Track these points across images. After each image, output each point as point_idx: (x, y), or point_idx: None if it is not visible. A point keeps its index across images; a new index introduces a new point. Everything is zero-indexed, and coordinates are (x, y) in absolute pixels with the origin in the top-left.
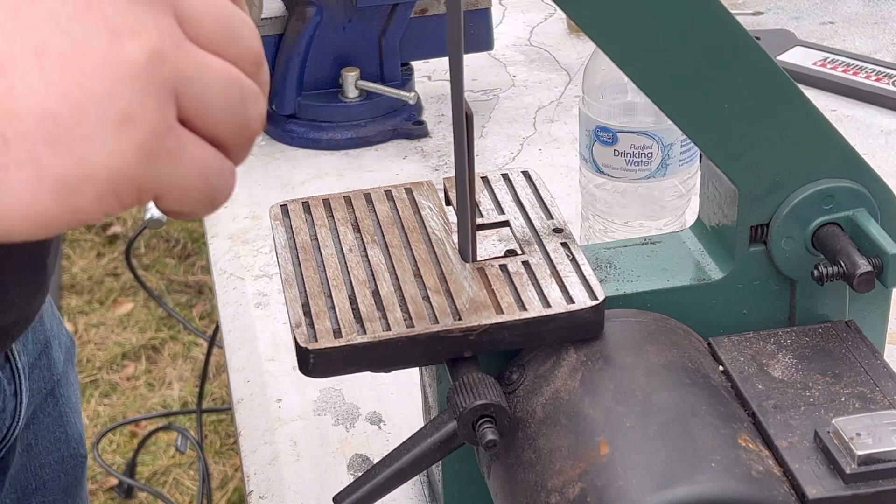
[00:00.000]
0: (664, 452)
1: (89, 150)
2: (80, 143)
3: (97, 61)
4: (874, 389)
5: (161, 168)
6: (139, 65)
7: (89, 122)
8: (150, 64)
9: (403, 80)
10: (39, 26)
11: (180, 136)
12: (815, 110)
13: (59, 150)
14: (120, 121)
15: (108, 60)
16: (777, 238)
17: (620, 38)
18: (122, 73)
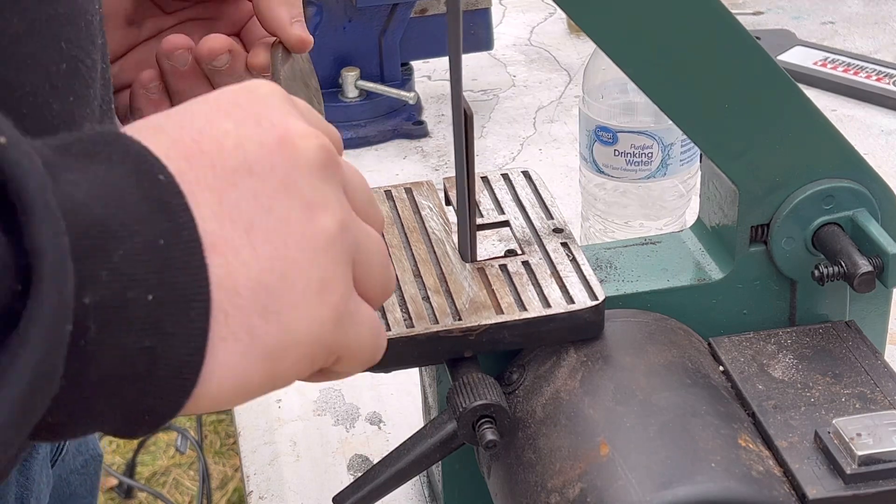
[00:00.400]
0: (664, 452)
1: (295, 318)
2: (288, 312)
3: (298, 234)
4: (874, 390)
5: (347, 329)
6: (332, 234)
7: (295, 290)
8: (339, 233)
9: (403, 79)
10: (245, 206)
11: (356, 299)
12: (815, 110)
13: (269, 320)
14: (320, 287)
15: (306, 232)
16: (777, 238)
17: (620, 38)
18: (319, 242)
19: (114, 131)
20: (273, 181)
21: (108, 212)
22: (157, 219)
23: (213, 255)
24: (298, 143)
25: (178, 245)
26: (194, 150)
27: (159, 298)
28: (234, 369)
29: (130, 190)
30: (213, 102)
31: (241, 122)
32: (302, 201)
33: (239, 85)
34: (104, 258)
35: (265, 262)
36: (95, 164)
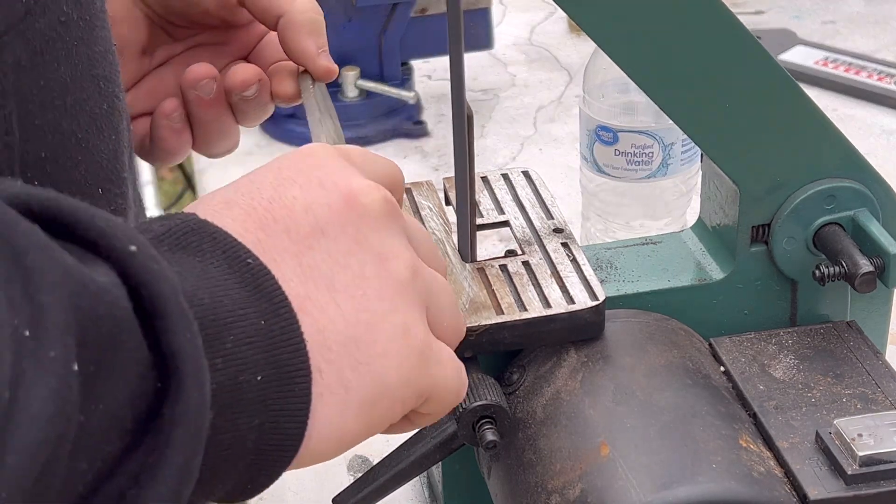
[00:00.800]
0: (665, 453)
1: (384, 365)
2: (377, 360)
3: (375, 284)
4: (876, 390)
5: (433, 369)
6: (405, 279)
7: (380, 339)
8: (411, 278)
9: (403, 79)
10: (323, 266)
11: (436, 339)
12: (816, 110)
13: (360, 371)
14: (402, 332)
15: (382, 282)
16: (778, 238)
17: (620, 38)
18: (395, 289)
19: (194, 218)
20: (345, 239)
21: (215, 301)
22: (255, 301)
23: (302, 316)
24: (363, 200)
25: (279, 323)
26: (268, 219)
27: (267, 377)
28: (332, 423)
29: (226, 278)
30: (276, 171)
31: (306, 187)
32: (374, 253)
33: (296, 152)
34: (219, 346)
35: (350, 317)
36: (190, 256)
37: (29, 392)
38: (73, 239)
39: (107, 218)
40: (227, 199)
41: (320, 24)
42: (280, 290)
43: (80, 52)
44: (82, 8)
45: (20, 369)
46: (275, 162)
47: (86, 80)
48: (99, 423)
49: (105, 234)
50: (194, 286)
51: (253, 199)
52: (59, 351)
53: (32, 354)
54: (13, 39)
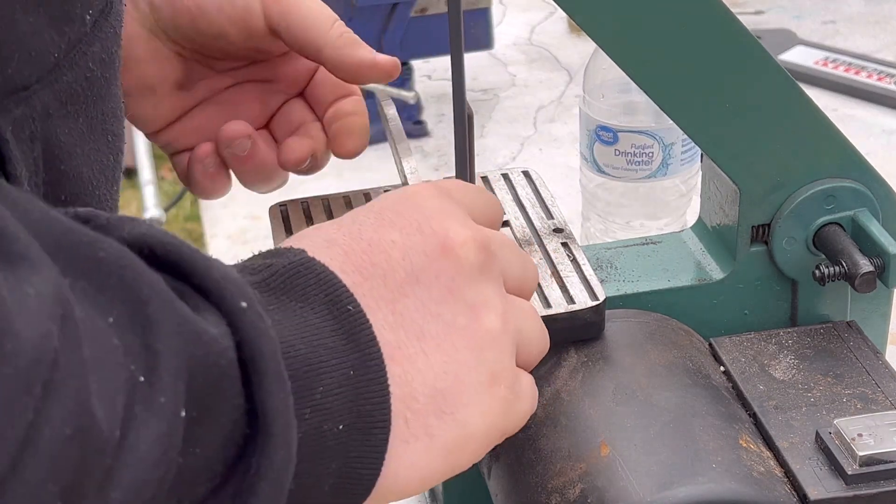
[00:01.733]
0: (665, 453)
1: (468, 414)
2: (462, 409)
3: (466, 336)
4: (876, 390)
5: (515, 409)
6: (496, 332)
7: (466, 389)
8: (502, 329)
9: (403, 79)
10: (415, 315)
11: (520, 377)
12: (816, 110)
13: (445, 420)
14: (489, 382)
15: (473, 334)
16: (778, 238)
17: (621, 38)
18: (485, 340)
19: (301, 258)
20: (438, 288)
21: (310, 351)
22: (348, 351)
23: (391, 365)
24: (459, 251)
25: (367, 375)
26: (366, 262)
27: (348, 426)
28: (417, 467)
29: (325, 324)
30: (377, 212)
31: (405, 231)
32: (466, 304)
33: (399, 192)
34: (309, 396)
35: (438, 367)
36: (293, 301)
37: (139, 434)
38: (189, 282)
39: (222, 271)
40: (330, 237)
41: (358, 38)
42: (374, 341)
43: (97, 107)
44: (105, 66)
45: (132, 413)
46: (377, 201)
47: (98, 133)
48: (195, 465)
49: (219, 286)
50: (293, 335)
51: (353, 240)
52: (169, 397)
53: (145, 399)
54: (43, 88)
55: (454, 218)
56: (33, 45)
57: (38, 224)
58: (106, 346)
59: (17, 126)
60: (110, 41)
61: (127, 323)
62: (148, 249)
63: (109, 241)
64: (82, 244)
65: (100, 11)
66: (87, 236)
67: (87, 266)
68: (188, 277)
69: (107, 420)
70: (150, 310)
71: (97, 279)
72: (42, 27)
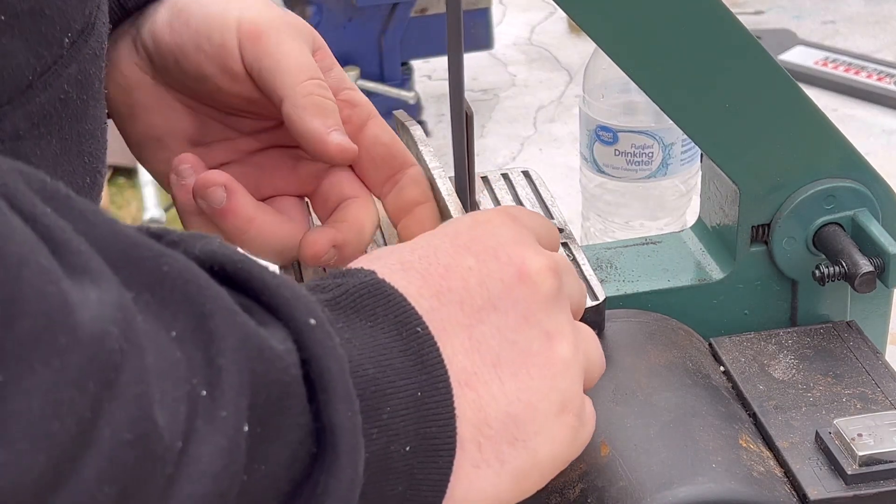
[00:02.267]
0: (665, 453)
1: (539, 442)
2: (533, 437)
3: (539, 363)
4: (875, 390)
5: (581, 437)
6: (568, 359)
7: (538, 417)
8: (573, 357)
9: (403, 79)
10: (491, 341)
11: (585, 401)
12: (816, 110)
13: (517, 447)
14: (559, 410)
15: (547, 361)
16: (778, 238)
17: (621, 38)
18: (558, 368)
19: (371, 279)
20: (515, 315)
21: (378, 371)
22: (415, 372)
23: (466, 391)
24: (535, 278)
25: (434, 397)
26: (443, 287)
27: (414, 448)
28: (486, 493)
29: (393, 344)
30: (452, 236)
31: (481, 257)
32: (541, 331)
33: (472, 218)
34: (376, 417)
35: (512, 395)
36: (363, 320)
37: (200, 447)
38: (258, 300)
39: (292, 289)
40: (404, 259)
41: (328, 106)
42: (441, 364)
43: (73, 129)
44: (82, 88)
45: (194, 425)
46: (451, 226)
47: (73, 155)
48: (260, 483)
49: (288, 303)
50: (361, 354)
51: (430, 264)
52: (231, 412)
53: (207, 413)
54: (14, 110)
55: (528, 245)
56: (6, 67)
57: (104, 237)
58: (169, 357)
59: None
60: (88, 63)
61: (190, 337)
62: (218, 266)
63: (175, 255)
64: (147, 258)
65: (79, 33)
66: (152, 251)
67: (151, 280)
68: (258, 295)
69: (168, 429)
70: (213, 324)
71: (160, 293)
72: (17, 50)
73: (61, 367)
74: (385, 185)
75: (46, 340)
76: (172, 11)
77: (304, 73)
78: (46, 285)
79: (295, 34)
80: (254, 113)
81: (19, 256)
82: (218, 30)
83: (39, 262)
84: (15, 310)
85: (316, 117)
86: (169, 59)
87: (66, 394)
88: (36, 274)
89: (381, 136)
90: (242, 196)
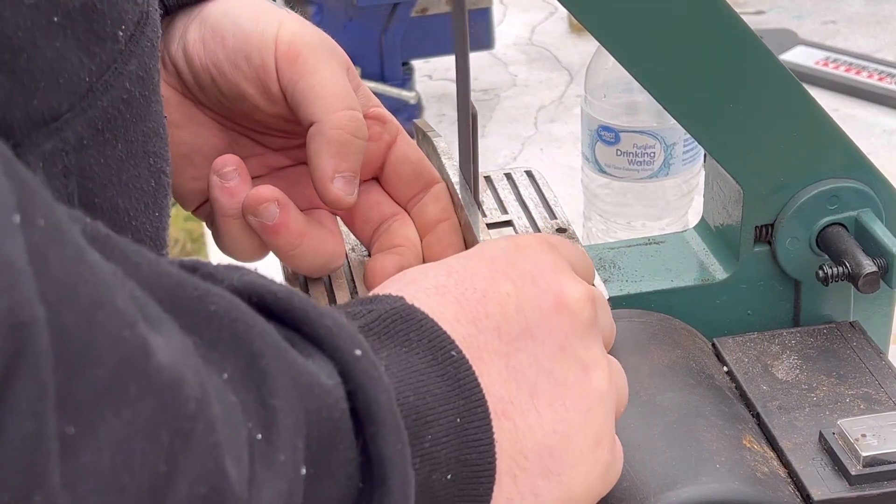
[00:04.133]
0: (668, 453)
1: (573, 476)
2: (567, 471)
3: (576, 395)
4: (879, 390)
5: (612, 472)
6: (604, 392)
7: (573, 450)
8: (608, 389)
9: (404, 79)
10: (528, 370)
11: (615, 437)
12: (820, 110)
13: (552, 480)
14: (594, 444)
15: (583, 393)
16: (782, 238)
17: (625, 38)
18: (594, 401)
19: (401, 305)
20: (552, 345)
21: (418, 398)
22: (454, 398)
23: (503, 421)
24: (573, 307)
25: (474, 423)
26: (480, 313)
27: (455, 476)
28: None
29: (430, 370)
30: (489, 260)
31: (519, 284)
32: (578, 362)
33: (511, 242)
34: (418, 446)
35: (548, 426)
36: (397, 345)
37: (261, 494)
38: (300, 330)
39: (334, 318)
40: (440, 283)
41: (353, 146)
42: (478, 387)
43: (137, 130)
44: (143, 84)
45: (254, 471)
46: (488, 249)
47: (139, 157)
48: None
49: (332, 334)
50: (400, 382)
51: (466, 288)
52: (289, 454)
53: (264, 457)
54: (76, 117)
55: (566, 273)
56: (60, 72)
57: (149, 279)
58: (227, 402)
59: (49, 162)
60: (147, 56)
61: (241, 378)
62: (257, 297)
63: (220, 292)
64: (193, 298)
65: (135, 25)
66: (198, 290)
67: (199, 320)
68: (299, 325)
69: (238, 479)
70: (264, 364)
71: (209, 334)
72: (69, 51)
73: (133, 417)
74: (410, 202)
75: (121, 389)
76: (204, 28)
77: (340, 101)
78: (122, 330)
79: (330, 56)
80: (286, 132)
81: (93, 298)
82: (256, 49)
83: (115, 305)
84: (89, 357)
85: (332, 157)
86: (204, 77)
87: (138, 445)
88: (110, 317)
89: (409, 153)
90: (294, 211)
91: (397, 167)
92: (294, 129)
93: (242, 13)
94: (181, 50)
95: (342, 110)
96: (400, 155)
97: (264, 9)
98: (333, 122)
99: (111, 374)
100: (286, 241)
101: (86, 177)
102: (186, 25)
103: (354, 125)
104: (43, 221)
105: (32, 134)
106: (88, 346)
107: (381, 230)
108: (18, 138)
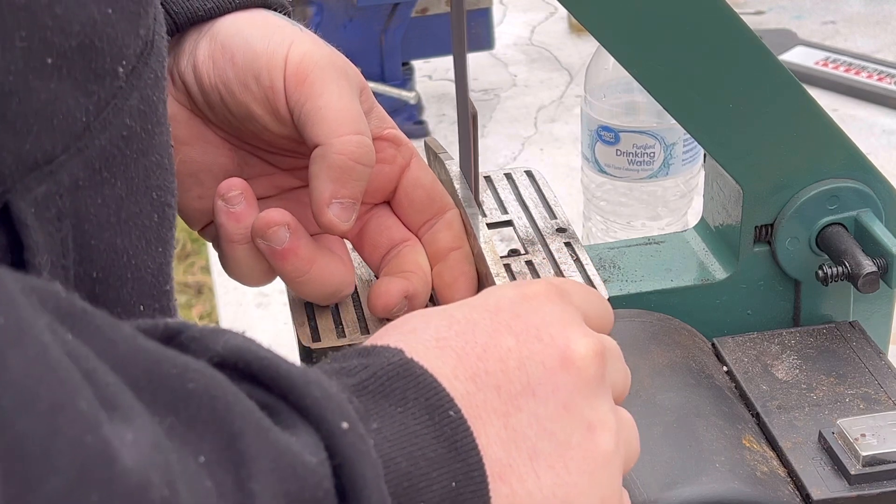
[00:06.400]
0: (668, 453)
1: None
2: None
3: (579, 457)
4: (878, 390)
5: None
6: (610, 452)
7: None
8: (615, 449)
9: (404, 79)
10: (528, 431)
11: (623, 494)
12: (820, 110)
13: None
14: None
15: (587, 455)
16: (782, 238)
17: (625, 38)
18: (598, 463)
19: (399, 359)
20: (555, 403)
21: (410, 465)
22: (449, 461)
23: (499, 484)
24: (579, 364)
25: (469, 487)
26: (480, 370)
27: None
28: None
29: (424, 431)
30: (493, 311)
31: (521, 337)
32: (582, 422)
33: (518, 291)
34: None
35: (548, 490)
36: (392, 405)
37: None
38: (286, 398)
39: (322, 387)
40: (441, 336)
41: (355, 172)
42: (476, 450)
43: (139, 165)
44: (145, 118)
45: None
46: (493, 297)
47: (140, 194)
48: None
49: (319, 405)
50: (392, 446)
51: (466, 342)
52: None
53: None
54: (71, 159)
55: (574, 325)
56: (54, 113)
57: (125, 357)
58: (200, 491)
59: (41, 207)
60: (150, 88)
61: (218, 460)
62: (244, 364)
63: (200, 367)
64: (171, 376)
65: (137, 57)
66: (176, 367)
67: (177, 399)
68: (285, 394)
69: None
70: (244, 444)
71: (187, 413)
72: (64, 92)
73: None
74: (422, 228)
75: (81, 497)
76: (214, 45)
77: (346, 125)
78: (84, 434)
79: (341, 77)
80: (296, 152)
81: (53, 402)
82: (266, 69)
83: (77, 407)
84: (47, 465)
85: (332, 182)
86: (213, 95)
87: None
88: (72, 421)
89: (421, 178)
90: (304, 237)
91: (410, 192)
92: (304, 150)
93: (254, 31)
94: (191, 67)
95: (348, 134)
96: (413, 179)
97: (277, 27)
98: (337, 147)
99: (71, 483)
100: (294, 267)
101: (82, 219)
102: (197, 41)
103: (360, 151)
104: (3, 319)
105: (24, 178)
106: (47, 453)
107: (391, 255)
108: (9, 184)
